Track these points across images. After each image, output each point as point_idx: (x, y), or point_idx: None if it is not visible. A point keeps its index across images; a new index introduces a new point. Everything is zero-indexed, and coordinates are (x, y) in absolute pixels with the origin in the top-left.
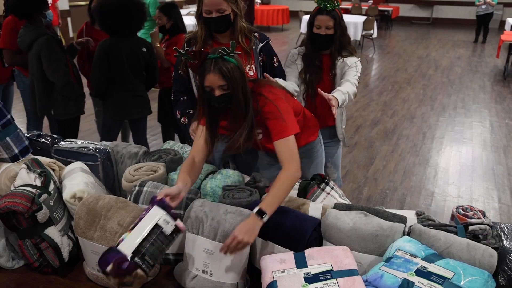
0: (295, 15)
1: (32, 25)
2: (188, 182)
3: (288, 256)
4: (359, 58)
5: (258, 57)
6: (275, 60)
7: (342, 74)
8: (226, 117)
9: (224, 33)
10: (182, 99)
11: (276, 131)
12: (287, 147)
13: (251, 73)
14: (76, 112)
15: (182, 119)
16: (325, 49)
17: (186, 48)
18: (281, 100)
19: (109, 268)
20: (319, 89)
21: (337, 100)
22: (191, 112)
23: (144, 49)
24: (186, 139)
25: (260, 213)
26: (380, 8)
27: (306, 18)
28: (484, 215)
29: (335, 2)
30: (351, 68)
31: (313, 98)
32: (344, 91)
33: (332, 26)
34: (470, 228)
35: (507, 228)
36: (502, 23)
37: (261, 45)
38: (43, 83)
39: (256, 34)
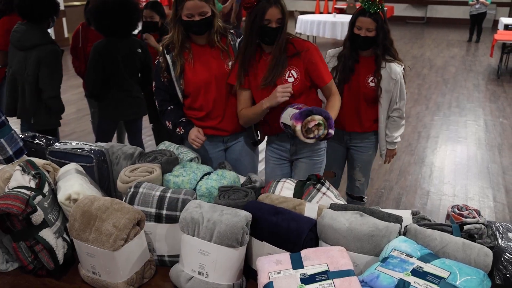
0: (290, 15)
1: (39, 27)
2: None
3: (284, 257)
4: (403, 66)
5: (237, 50)
6: None
7: (390, 88)
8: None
9: (202, 35)
10: (169, 108)
11: (326, 71)
12: (333, 85)
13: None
14: (54, 125)
15: (178, 129)
16: (363, 50)
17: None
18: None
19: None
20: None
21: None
22: (184, 120)
23: (139, 50)
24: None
25: None
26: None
27: (301, 18)
28: (479, 214)
29: (380, 5)
30: (397, 86)
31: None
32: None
33: (373, 29)
34: (466, 227)
35: (502, 227)
36: (496, 22)
37: (239, 40)
38: (35, 89)
39: (232, 31)
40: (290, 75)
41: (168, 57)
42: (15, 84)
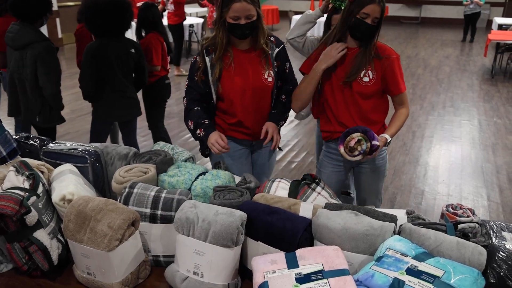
0: (285, 15)
1: (32, 25)
2: None
3: (279, 256)
4: None
5: (274, 62)
6: (287, 66)
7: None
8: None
9: (246, 39)
10: (196, 108)
11: (402, 81)
12: (405, 96)
13: (269, 79)
14: (58, 120)
15: (198, 131)
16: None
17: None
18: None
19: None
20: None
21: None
22: (206, 122)
23: (133, 50)
24: (205, 150)
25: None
26: None
27: (296, 18)
28: (473, 213)
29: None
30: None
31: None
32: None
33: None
34: (460, 226)
35: (496, 226)
36: (489, 22)
37: (277, 50)
38: (36, 88)
39: (272, 39)
40: (366, 74)
41: (207, 58)
42: (15, 84)
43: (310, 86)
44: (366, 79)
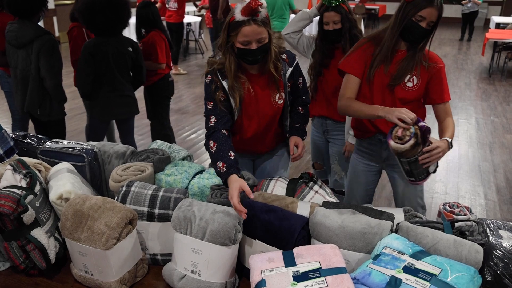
0: None
1: (31, 22)
2: None
3: (277, 254)
4: None
5: (286, 83)
6: (300, 81)
7: None
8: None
9: (257, 64)
10: (223, 131)
11: (447, 90)
12: (449, 106)
13: (280, 102)
14: (58, 115)
15: (220, 163)
16: (336, 43)
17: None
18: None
19: None
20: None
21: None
22: (231, 156)
23: (130, 49)
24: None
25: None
26: (367, 7)
27: (292, 16)
28: (470, 211)
29: None
30: None
31: (315, 91)
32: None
33: (339, 21)
34: (457, 224)
35: (493, 224)
36: (487, 21)
37: (290, 69)
38: (38, 81)
39: (284, 56)
40: (411, 80)
41: (224, 82)
42: (26, 82)
43: (363, 117)
44: (409, 84)
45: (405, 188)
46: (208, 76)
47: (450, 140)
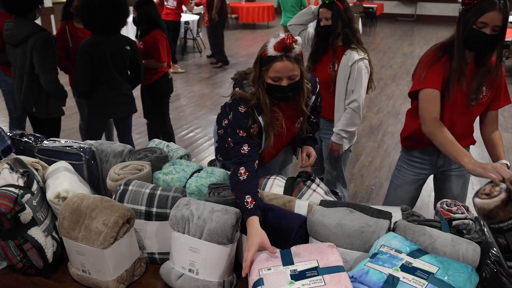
0: (280, 12)
1: (27, 19)
2: None
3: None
4: (365, 55)
5: (308, 111)
6: (318, 101)
7: (346, 75)
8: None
9: (287, 101)
10: (256, 163)
11: (507, 95)
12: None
13: (297, 126)
14: (56, 112)
15: (247, 197)
16: (326, 41)
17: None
18: None
19: None
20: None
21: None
22: (258, 195)
23: (128, 47)
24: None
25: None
26: (365, 5)
27: None
28: (467, 210)
29: None
30: (353, 74)
31: None
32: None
33: (329, 18)
34: (454, 223)
35: None
36: None
37: (313, 98)
38: (32, 78)
39: (309, 86)
40: (482, 90)
41: (260, 118)
42: (19, 80)
43: (444, 151)
44: (480, 95)
45: (452, 191)
46: (243, 106)
47: (508, 164)
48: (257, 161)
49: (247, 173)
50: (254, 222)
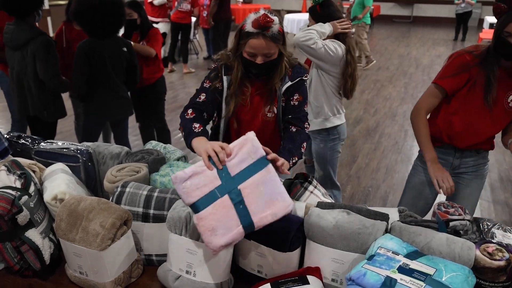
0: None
1: (26, 22)
2: None
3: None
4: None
5: (280, 97)
6: (294, 98)
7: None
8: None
9: (261, 78)
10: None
11: None
12: None
13: (269, 115)
14: (63, 114)
15: (197, 125)
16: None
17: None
18: None
19: None
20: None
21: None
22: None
23: (125, 49)
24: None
25: None
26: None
27: (288, 17)
28: (465, 211)
29: None
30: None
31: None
32: None
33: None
34: (451, 223)
35: (487, 223)
36: (481, 21)
37: (289, 83)
38: (39, 85)
39: (287, 67)
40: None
41: (225, 78)
42: (22, 84)
43: (417, 138)
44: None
45: (465, 194)
46: (215, 63)
47: None
48: (206, 114)
49: (194, 114)
50: (202, 140)
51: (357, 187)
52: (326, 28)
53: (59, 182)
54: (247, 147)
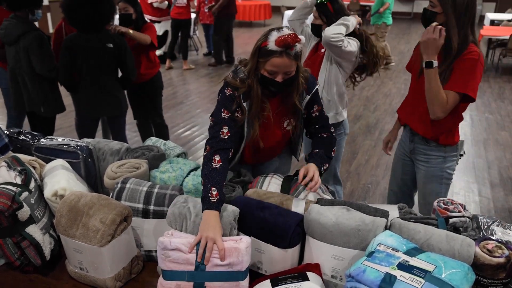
0: (277, 10)
1: (21, 19)
2: None
3: None
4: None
5: (302, 112)
6: (314, 110)
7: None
8: None
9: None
10: (227, 152)
11: None
12: None
13: (288, 128)
14: (61, 109)
15: (212, 188)
16: (319, 36)
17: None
18: None
19: None
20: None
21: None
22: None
23: (111, 45)
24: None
25: None
26: (362, 3)
27: (288, 13)
28: (464, 208)
29: None
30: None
31: None
32: None
33: (318, 17)
34: (451, 220)
35: (487, 220)
36: (481, 18)
37: (308, 97)
38: (35, 78)
39: (303, 81)
40: None
41: (245, 104)
42: (16, 79)
43: (429, 85)
44: None
45: (420, 184)
46: (229, 89)
47: None
48: (232, 150)
49: (221, 163)
50: (211, 215)
51: (357, 184)
52: (353, 22)
53: (59, 178)
54: (233, 257)
